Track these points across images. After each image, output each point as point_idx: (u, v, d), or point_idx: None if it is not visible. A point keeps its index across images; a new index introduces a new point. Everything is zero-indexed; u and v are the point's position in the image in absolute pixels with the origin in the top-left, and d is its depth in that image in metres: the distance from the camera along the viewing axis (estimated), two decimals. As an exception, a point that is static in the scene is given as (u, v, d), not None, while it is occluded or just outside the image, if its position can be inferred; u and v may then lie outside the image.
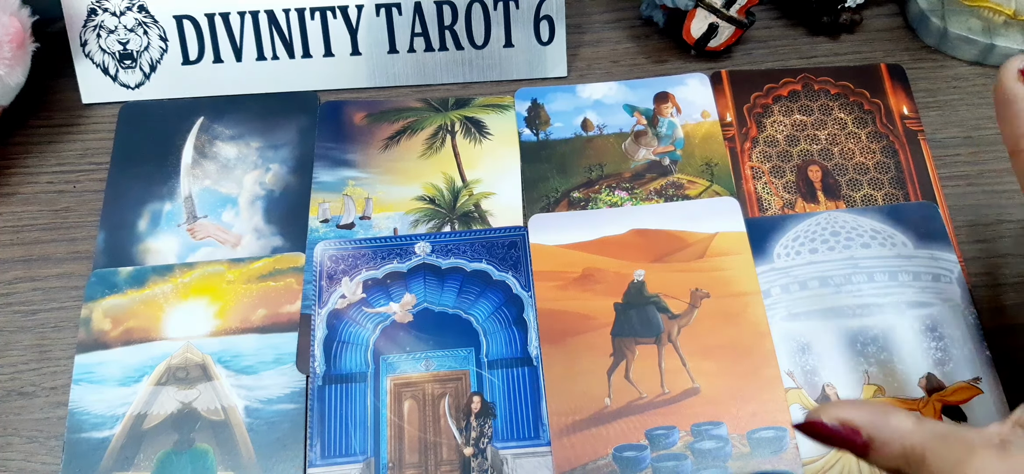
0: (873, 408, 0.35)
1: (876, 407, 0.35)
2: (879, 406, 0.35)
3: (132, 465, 0.42)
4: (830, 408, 0.35)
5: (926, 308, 0.46)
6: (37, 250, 0.50)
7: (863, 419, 0.34)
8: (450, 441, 0.43)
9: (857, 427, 0.34)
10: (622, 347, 0.45)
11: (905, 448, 0.34)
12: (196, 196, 0.51)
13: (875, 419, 0.34)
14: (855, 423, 0.35)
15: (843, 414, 0.35)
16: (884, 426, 0.34)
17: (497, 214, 0.50)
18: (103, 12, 0.53)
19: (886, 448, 0.34)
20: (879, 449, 0.34)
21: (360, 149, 0.52)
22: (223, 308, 0.47)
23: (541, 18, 0.55)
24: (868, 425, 0.34)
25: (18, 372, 0.46)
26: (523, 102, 0.55)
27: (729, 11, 0.54)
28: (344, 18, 0.54)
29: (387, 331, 0.46)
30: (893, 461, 0.34)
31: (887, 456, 0.34)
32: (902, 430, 0.34)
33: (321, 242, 0.49)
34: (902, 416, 0.34)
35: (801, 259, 0.48)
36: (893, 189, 0.51)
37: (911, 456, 0.34)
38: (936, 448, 0.33)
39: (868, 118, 0.54)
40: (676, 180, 0.51)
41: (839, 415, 0.35)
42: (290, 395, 0.44)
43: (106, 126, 0.54)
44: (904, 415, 0.34)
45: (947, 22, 0.56)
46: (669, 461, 0.42)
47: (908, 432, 0.34)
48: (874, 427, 0.34)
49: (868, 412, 0.35)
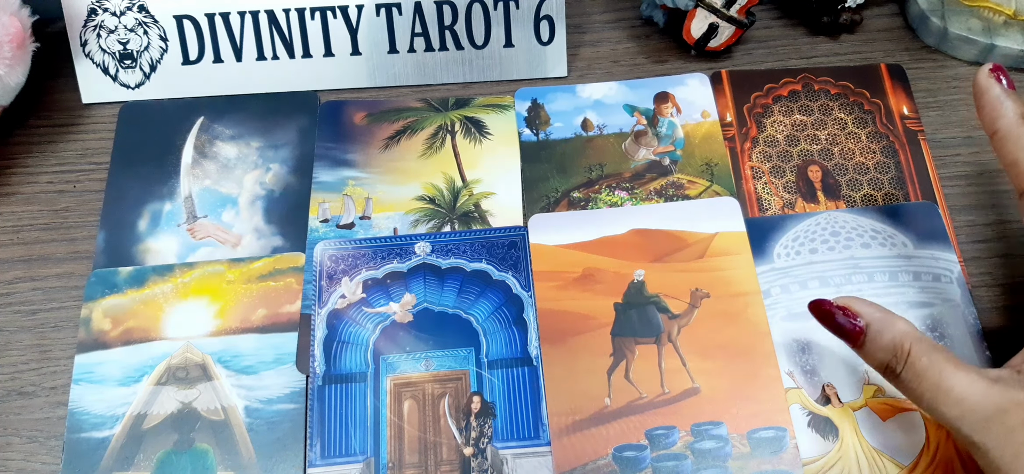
0: (877, 307, 0.39)
1: (879, 307, 0.39)
2: (881, 307, 0.39)
3: (132, 465, 0.42)
4: (840, 298, 0.40)
5: (926, 308, 0.46)
6: (37, 250, 0.50)
7: (863, 310, 0.39)
8: (450, 441, 0.43)
9: (857, 313, 0.39)
10: (622, 347, 0.45)
11: (895, 340, 0.37)
12: (196, 196, 0.51)
13: (875, 312, 0.39)
14: (857, 310, 0.39)
15: (849, 303, 0.39)
16: (880, 319, 0.38)
17: (497, 214, 0.50)
18: (103, 12, 0.53)
19: (879, 338, 0.38)
20: (872, 338, 0.38)
21: (360, 149, 0.52)
22: (223, 308, 0.47)
23: (541, 18, 0.55)
24: (867, 315, 0.39)
25: (18, 372, 0.46)
26: (523, 102, 0.55)
27: (729, 11, 0.54)
28: (344, 18, 0.54)
29: (387, 331, 0.46)
30: (883, 351, 0.38)
31: (879, 346, 0.38)
32: (897, 326, 0.38)
33: (321, 242, 0.49)
34: (900, 319, 0.38)
35: (801, 259, 0.48)
36: (893, 189, 0.51)
37: (898, 350, 0.37)
38: (924, 348, 0.37)
39: (868, 118, 0.54)
40: (676, 180, 0.51)
41: (844, 302, 0.39)
42: (290, 395, 0.44)
43: (106, 126, 0.54)
44: (902, 319, 0.38)
45: (947, 22, 0.56)
46: (669, 461, 0.42)
47: (902, 330, 0.38)
48: (872, 317, 0.38)
49: (870, 307, 0.39)
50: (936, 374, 0.36)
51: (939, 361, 0.36)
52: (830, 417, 0.43)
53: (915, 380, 0.37)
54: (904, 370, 0.37)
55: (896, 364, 0.37)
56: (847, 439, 0.43)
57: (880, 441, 0.43)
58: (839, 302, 0.39)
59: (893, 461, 0.42)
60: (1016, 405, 0.35)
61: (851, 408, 0.44)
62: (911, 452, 0.42)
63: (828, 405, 0.44)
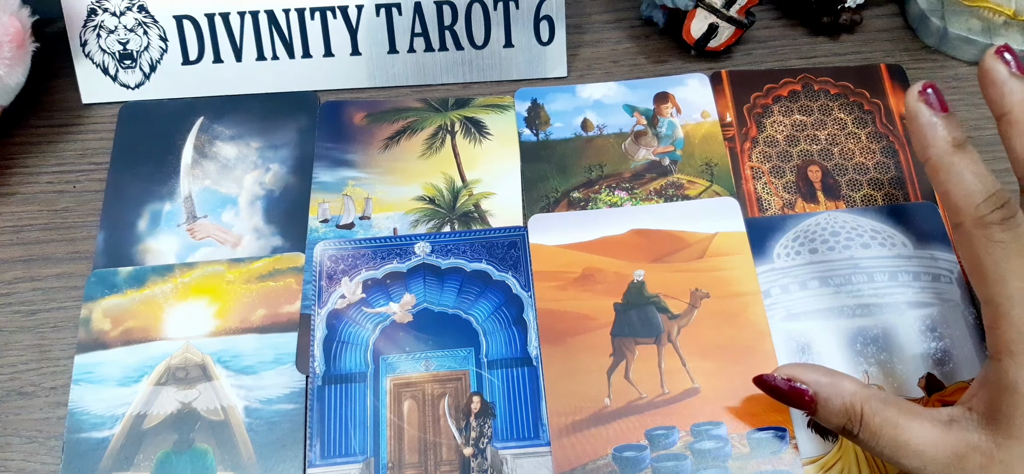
0: (822, 370, 0.39)
1: (825, 370, 0.39)
2: (828, 370, 0.39)
3: (132, 465, 0.42)
4: (784, 368, 0.40)
5: (926, 308, 0.46)
6: (37, 250, 0.50)
7: (810, 378, 0.39)
8: (450, 441, 0.43)
9: (804, 384, 0.39)
10: (622, 347, 0.45)
11: (846, 405, 0.37)
12: (196, 196, 0.51)
13: (821, 379, 0.38)
14: (803, 381, 0.39)
15: (794, 373, 0.39)
16: (828, 385, 0.38)
17: (497, 214, 0.50)
18: (103, 12, 0.53)
19: (829, 404, 0.38)
20: (824, 404, 0.38)
21: (360, 149, 0.53)
22: (223, 308, 0.47)
23: (541, 18, 0.55)
24: (813, 384, 0.38)
25: (18, 372, 0.46)
26: (523, 102, 0.55)
27: (729, 11, 0.54)
28: (344, 18, 0.54)
29: (387, 331, 0.46)
30: (836, 417, 0.38)
31: (831, 411, 0.38)
32: (845, 389, 0.38)
33: (321, 242, 0.49)
34: (847, 379, 0.38)
35: (801, 259, 0.48)
36: (893, 189, 0.51)
37: (851, 413, 0.37)
38: (875, 407, 0.37)
39: (868, 118, 0.54)
40: (676, 180, 0.51)
41: (790, 373, 0.39)
42: (290, 395, 0.44)
43: (106, 126, 0.54)
44: (849, 379, 0.38)
45: (947, 22, 0.56)
46: (669, 461, 0.42)
47: (850, 392, 0.38)
48: (818, 385, 0.38)
49: (816, 373, 0.39)
50: (891, 430, 0.36)
51: (892, 417, 0.36)
52: (830, 417, 0.43)
53: (872, 439, 0.36)
54: (860, 431, 0.37)
55: (852, 427, 0.37)
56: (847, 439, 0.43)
57: (880, 441, 0.43)
58: (784, 374, 0.39)
59: (893, 461, 0.42)
60: (972, 449, 0.34)
61: (851, 408, 0.44)
62: (911, 452, 0.42)
63: (828, 405, 0.44)
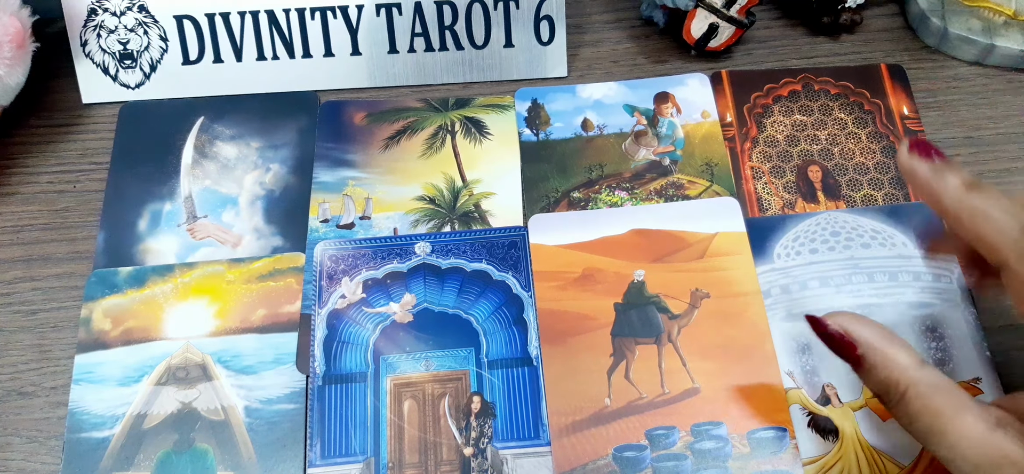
0: (880, 332, 0.36)
1: (883, 333, 0.36)
2: (886, 333, 0.36)
3: (132, 465, 0.42)
4: (840, 316, 0.36)
5: (926, 308, 0.46)
6: (37, 250, 0.50)
7: (864, 337, 0.36)
8: (450, 441, 0.43)
9: (856, 342, 0.36)
10: (622, 347, 0.45)
11: (891, 379, 0.35)
12: (196, 196, 0.51)
13: (875, 342, 0.35)
14: (856, 338, 0.36)
15: (849, 326, 0.36)
16: (880, 353, 0.35)
17: (497, 214, 0.50)
18: (103, 12, 0.53)
19: (874, 371, 0.35)
20: (869, 370, 0.36)
21: (360, 149, 0.52)
22: (223, 308, 0.47)
23: (541, 18, 0.55)
24: (865, 345, 0.36)
25: (18, 372, 0.46)
26: (523, 102, 0.55)
27: (729, 11, 0.54)
28: (344, 18, 0.54)
29: (387, 331, 0.46)
30: (876, 386, 0.36)
31: (873, 379, 0.36)
32: (896, 364, 0.35)
33: (321, 242, 0.49)
34: (902, 350, 0.35)
35: (801, 259, 0.48)
36: (893, 189, 0.51)
37: (894, 389, 0.35)
38: (921, 391, 0.34)
39: (868, 118, 0.54)
40: (676, 180, 0.51)
41: (845, 325, 0.36)
42: (290, 395, 0.44)
43: (106, 126, 0.54)
44: (905, 350, 0.35)
45: (947, 22, 0.56)
46: (669, 461, 0.42)
47: (900, 366, 0.35)
48: (870, 349, 0.35)
49: (872, 333, 0.36)
50: (930, 418, 0.34)
51: (937, 407, 0.34)
52: (830, 417, 0.43)
53: (906, 419, 0.35)
54: (896, 406, 0.35)
55: (889, 400, 0.36)
56: (847, 439, 0.43)
57: (880, 441, 0.43)
58: (839, 323, 0.37)
59: (893, 461, 0.42)
60: (1010, 463, 0.33)
61: (851, 408, 0.44)
62: (911, 452, 0.42)
63: (828, 405, 0.44)
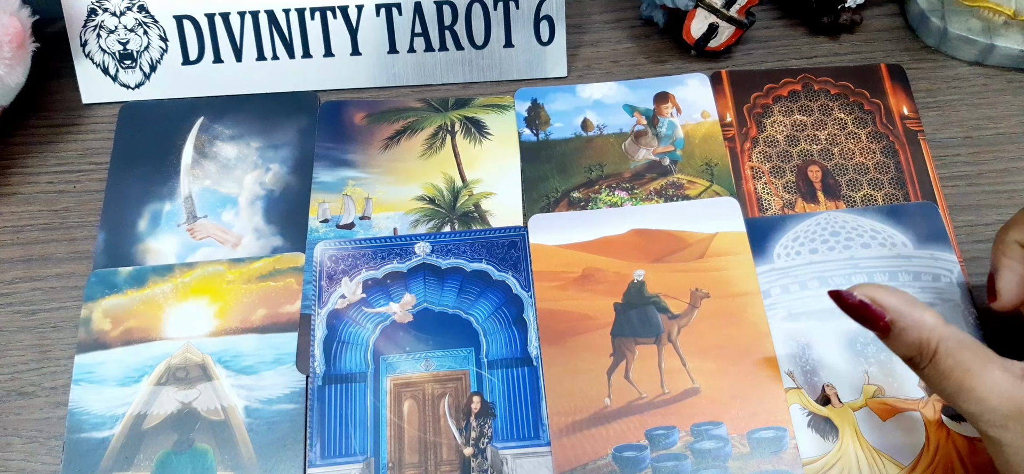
0: (904, 297, 0.37)
1: (907, 298, 0.37)
2: (909, 298, 0.37)
3: (132, 465, 0.42)
4: (865, 287, 0.38)
5: (926, 308, 0.46)
6: (37, 250, 0.50)
7: (890, 303, 0.37)
8: (450, 441, 0.43)
9: (884, 308, 0.37)
10: (622, 347, 0.45)
11: (921, 339, 0.36)
12: (196, 196, 0.51)
13: (901, 307, 0.37)
14: (882, 305, 0.37)
15: (875, 294, 0.37)
16: (908, 315, 0.36)
17: (497, 214, 0.50)
18: (103, 12, 0.53)
19: (904, 334, 0.36)
20: (898, 334, 0.37)
21: (360, 149, 0.52)
22: (223, 308, 0.47)
23: (541, 18, 0.55)
24: (892, 310, 0.37)
25: (18, 372, 0.46)
26: (523, 102, 0.55)
27: (729, 11, 0.54)
28: (344, 18, 0.54)
29: (387, 331, 0.46)
30: (907, 349, 0.37)
31: (903, 342, 0.37)
32: (924, 323, 0.36)
33: (321, 242, 0.49)
34: (927, 311, 0.36)
35: (801, 259, 0.48)
36: (893, 189, 0.51)
37: (924, 348, 0.36)
38: (950, 347, 0.36)
39: (868, 118, 0.54)
40: (676, 180, 0.51)
41: (871, 294, 0.37)
42: (290, 395, 0.44)
43: (106, 126, 0.54)
44: (930, 312, 0.36)
45: (947, 22, 0.56)
46: (669, 461, 0.42)
47: (928, 326, 0.36)
48: (898, 313, 0.37)
49: (897, 299, 0.37)
50: (960, 374, 0.35)
51: (965, 361, 0.35)
52: (830, 417, 0.43)
53: (937, 377, 0.36)
54: (928, 368, 0.36)
55: (921, 361, 0.37)
56: (847, 439, 0.43)
57: (880, 441, 0.43)
58: (863, 292, 0.37)
59: (893, 461, 0.42)
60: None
61: (851, 408, 0.44)
62: (911, 452, 0.42)
63: (828, 405, 0.44)
